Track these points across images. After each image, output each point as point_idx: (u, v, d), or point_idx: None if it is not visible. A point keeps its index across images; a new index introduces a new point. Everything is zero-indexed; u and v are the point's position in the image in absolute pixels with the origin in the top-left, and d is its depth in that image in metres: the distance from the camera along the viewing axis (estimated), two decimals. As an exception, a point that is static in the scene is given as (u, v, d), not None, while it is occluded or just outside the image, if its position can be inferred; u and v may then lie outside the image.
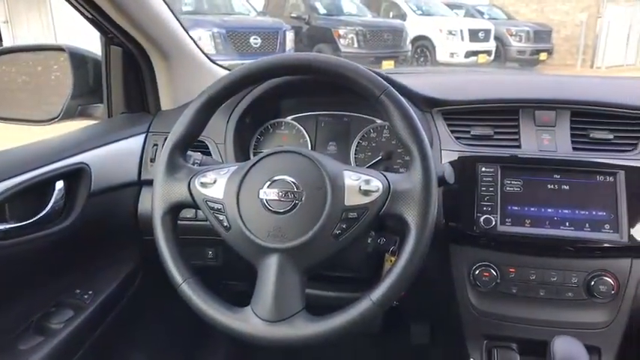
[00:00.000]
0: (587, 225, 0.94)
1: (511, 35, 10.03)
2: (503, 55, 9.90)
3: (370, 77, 0.81)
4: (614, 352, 0.98)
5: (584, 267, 0.96)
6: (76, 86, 1.12)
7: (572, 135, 1.00)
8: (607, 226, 0.93)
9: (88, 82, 1.18)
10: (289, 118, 1.19)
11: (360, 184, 0.79)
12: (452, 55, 8.99)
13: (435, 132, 1.05)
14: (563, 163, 0.97)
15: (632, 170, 0.94)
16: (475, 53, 9.25)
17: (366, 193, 0.78)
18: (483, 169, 0.98)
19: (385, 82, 0.81)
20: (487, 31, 9.48)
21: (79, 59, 1.15)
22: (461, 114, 1.06)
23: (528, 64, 10.08)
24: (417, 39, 9.14)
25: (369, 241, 0.94)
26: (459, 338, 1.07)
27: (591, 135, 1.00)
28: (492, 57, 9.56)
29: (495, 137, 1.02)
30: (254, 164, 0.82)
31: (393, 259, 0.96)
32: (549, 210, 0.95)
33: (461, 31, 9.11)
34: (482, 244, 0.98)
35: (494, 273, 0.98)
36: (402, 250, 0.76)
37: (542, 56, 10.26)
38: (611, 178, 0.95)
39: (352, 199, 0.78)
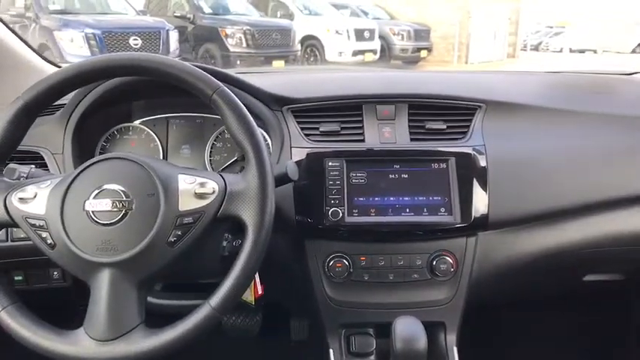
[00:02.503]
0: (425, 210, 1.01)
1: (394, 34, 10.58)
2: (388, 53, 10.42)
3: (200, 76, 0.79)
4: (457, 324, 1.06)
5: (427, 249, 1.03)
6: None
7: (410, 127, 1.07)
8: (442, 209, 1.01)
9: None
10: (137, 121, 1.13)
11: (194, 188, 0.77)
12: (340, 54, 9.26)
13: (285, 130, 1.06)
14: (401, 154, 1.03)
15: (461, 156, 1.03)
16: (362, 52, 9.61)
17: (202, 196, 0.76)
18: (330, 163, 1.01)
19: (217, 81, 0.80)
20: (372, 31, 9.89)
21: None
22: (310, 111, 1.08)
23: (411, 62, 10.73)
24: (306, 38, 9.29)
25: (224, 244, 0.91)
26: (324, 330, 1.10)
27: (427, 126, 1.07)
28: (378, 55, 10.00)
29: (342, 132, 1.06)
30: (78, 174, 0.77)
31: None
32: (391, 198, 1.01)
33: (347, 30, 9.41)
34: (333, 236, 1.02)
35: (347, 263, 1.02)
36: (240, 252, 0.76)
37: (423, 54, 10.96)
38: (444, 165, 1.02)
39: (187, 204, 0.76)
